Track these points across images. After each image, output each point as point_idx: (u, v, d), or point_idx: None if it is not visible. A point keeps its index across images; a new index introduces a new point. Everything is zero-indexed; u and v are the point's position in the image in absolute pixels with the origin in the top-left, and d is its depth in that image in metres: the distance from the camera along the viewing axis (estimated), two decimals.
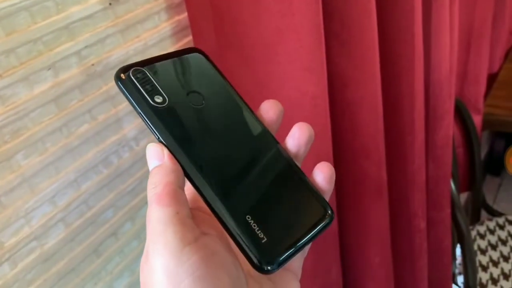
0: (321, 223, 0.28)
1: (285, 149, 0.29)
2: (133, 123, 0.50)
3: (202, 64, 0.31)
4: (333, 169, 0.29)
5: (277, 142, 0.29)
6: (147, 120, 0.27)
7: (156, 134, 0.27)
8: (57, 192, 0.44)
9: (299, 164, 0.29)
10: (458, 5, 0.84)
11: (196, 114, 0.28)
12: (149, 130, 0.27)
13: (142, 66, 0.29)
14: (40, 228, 0.43)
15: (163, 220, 0.23)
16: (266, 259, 0.25)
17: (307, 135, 0.29)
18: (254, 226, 0.26)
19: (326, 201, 0.28)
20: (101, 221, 0.48)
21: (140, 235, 0.53)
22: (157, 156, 0.26)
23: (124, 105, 0.49)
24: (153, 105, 0.27)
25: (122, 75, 0.28)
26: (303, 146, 0.29)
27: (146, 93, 0.28)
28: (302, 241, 0.27)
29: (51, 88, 0.42)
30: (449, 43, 0.80)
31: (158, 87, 0.28)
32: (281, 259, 0.25)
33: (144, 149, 0.51)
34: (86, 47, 0.44)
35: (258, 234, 0.25)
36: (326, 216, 0.28)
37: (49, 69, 0.42)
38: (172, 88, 0.29)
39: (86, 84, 0.45)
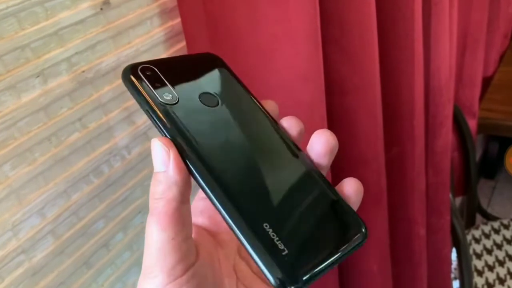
0: (353, 240, 0.24)
1: (310, 159, 0.26)
2: (125, 130, 0.49)
3: (217, 68, 0.29)
4: (361, 184, 0.26)
5: (301, 150, 0.27)
6: (154, 117, 0.25)
7: (163, 132, 0.25)
8: (46, 203, 0.42)
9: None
10: (457, 10, 0.84)
11: (210, 115, 0.26)
12: (157, 130, 0.25)
13: (151, 64, 0.27)
14: (28, 241, 0.41)
15: (158, 245, 0.23)
16: (287, 275, 0.21)
17: (326, 145, 0.26)
18: (273, 235, 0.22)
19: (359, 216, 0.25)
20: (92, 232, 0.47)
21: (132, 246, 0.52)
22: (163, 160, 0.24)
23: (116, 112, 0.48)
24: (161, 102, 0.25)
25: (129, 71, 0.26)
26: (321, 157, 0.26)
27: (154, 89, 0.26)
28: (333, 258, 0.22)
29: (39, 96, 0.41)
30: (449, 48, 0.79)
31: (168, 85, 0.27)
32: (306, 276, 0.21)
33: (136, 157, 0.50)
34: (76, 53, 0.43)
35: (277, 245, 0.22)
36: (359, 234, 0.24)
37: (38, 76, 0.40)
38: (182, 87, 0.27)
39: (76, 92, 0.43)
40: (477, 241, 1.33)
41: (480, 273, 1.24)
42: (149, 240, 0.23)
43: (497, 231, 1.35)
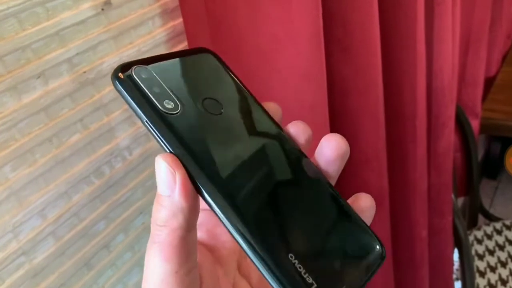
0: (375, 264, 0.22)
1: (320, 170, 0.24)
2: (126, 131, 0.49)
3: (215, 66, 0.26)
4: (373, 200, 0.25)
5: (309, 159, 0.25)
6: (155, 130, 0.22)
7: (168, 148, 0.22)
8: (46, 204, 0.42)
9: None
10: (460, 10, 0.83)
11: (216, 125, 0.23)
12: (158, 143, 0.22)
13: (146, 64, 0.23)
14: (29, 243, 0.41)
15: (160, 277, 0.21)
16: None
17: (337, 150, 0.24)
18: (300, 268, 0.20)
19: (376, 236, 0.23)
20: (93, 234, 0.47)
21: (133, 247, 0.51)
22: (168, 183, 0.21)
23: (117, 113, 0.47)
24: (163, 112, 0.22)
25: (121, 73, 0.22)
26: (331, 163, 0.24)
27: (154, 96, 0.22)
28: (359, 286, 0.21)
29: (40, 97, 0.40)
30: (451, 49, 0.79)
31: (168, 90, 0.23)
32: None
33: (137, 158, 0.50)
34: (77, 54, 0.43)
35: (305, 279, 0.20)
36: (379, 256, 0.22)
37: (39, 77, 0.40)
38: (184, 92, 0.23)
39: (77, 92, 0.43)
40: (479, 242, 1.33)
41: (482, 274, 1.24)
42: (150, 269, 0.22)
43: (499, 232, 1.35)
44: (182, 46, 0.53)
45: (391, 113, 0.70)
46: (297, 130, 0.25)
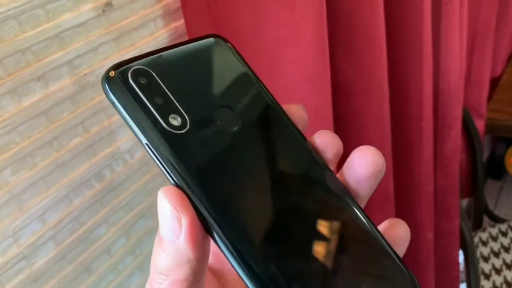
0: None
1: (349, 190, 0.20)
2: (128, 134, 0.48)
3: (228, 59, 0.21)
4: (409, 230, 0.21)
5: (340, 183, 0.20)
6: (158, 155, 0.17)
7: (173, 179, 0.17)
8: (47, 209, 0.42)
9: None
10: (467, 10, 0.82)
11: (231, 144, 0.19)
12: (161, 170, 0.18)
13: (146, 65, 0.19)
14: (29, 247, 0.41)
15: None
16: None
17: (372, 167, 0.20)
18: None
19: (410, 272, 0.20)
20: (94, 238, 0.46)
21: (135, 251, 0.51)
22: (172, 228, 0.17)
23: (118, 116, 0.46)
24: (167, 130, 0.18)
25: (114, 76, 0.18)
26: (364, 182, 0.20)
27: (156, 110, 0.18)
28: None
29: (40, 100, 0.40)
30: (459, 49, 0.78)
31: (174, 100, 0.18)
32: None
33: (138, 162, 0.49)
34: (78, 56, 0.42)
35: None
36: None
37: (39, 80, 0.40)
38: (191, 100, 0.19)
39: (78, 95, 0.43)
40: (484, 243, 1.32)
41: (487, 277, 1.23)
42: None
43: (504, 234, 1.34)
44: None
45: (397, 114, 0.69)
46: (324, 143, 0.21)
